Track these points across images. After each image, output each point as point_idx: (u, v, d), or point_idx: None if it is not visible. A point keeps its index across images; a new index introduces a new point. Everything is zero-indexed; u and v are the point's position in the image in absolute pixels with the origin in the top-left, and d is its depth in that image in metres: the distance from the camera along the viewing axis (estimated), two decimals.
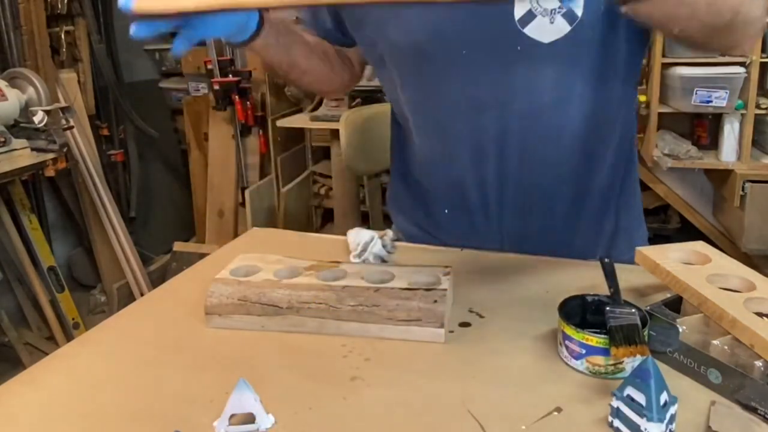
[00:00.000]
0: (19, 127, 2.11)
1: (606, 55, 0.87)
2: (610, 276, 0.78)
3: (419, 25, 0.88)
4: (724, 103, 2.25)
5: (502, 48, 0.85)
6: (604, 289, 0.77)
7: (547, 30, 0.82)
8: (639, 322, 0.68)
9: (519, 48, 0.84)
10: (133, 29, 0.63)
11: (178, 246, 3.03)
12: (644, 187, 2.48)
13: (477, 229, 1.01)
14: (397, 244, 1.13)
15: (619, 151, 0.98)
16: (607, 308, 0.70)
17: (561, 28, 0.82)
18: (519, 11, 0.82)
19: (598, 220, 1.01)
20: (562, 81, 0.87)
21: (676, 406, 0.57)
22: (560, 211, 0.98)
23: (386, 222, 2.77)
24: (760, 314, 0.68)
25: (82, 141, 2.62)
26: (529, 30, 0.82)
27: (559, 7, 0.81)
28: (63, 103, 2.37)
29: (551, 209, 0.98)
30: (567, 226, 1.00)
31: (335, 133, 2.27)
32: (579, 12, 0.81)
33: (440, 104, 0.94)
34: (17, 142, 2.06)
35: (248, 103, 2.79)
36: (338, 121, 1.82)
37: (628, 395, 0.57)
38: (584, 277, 0.90)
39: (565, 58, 0.85)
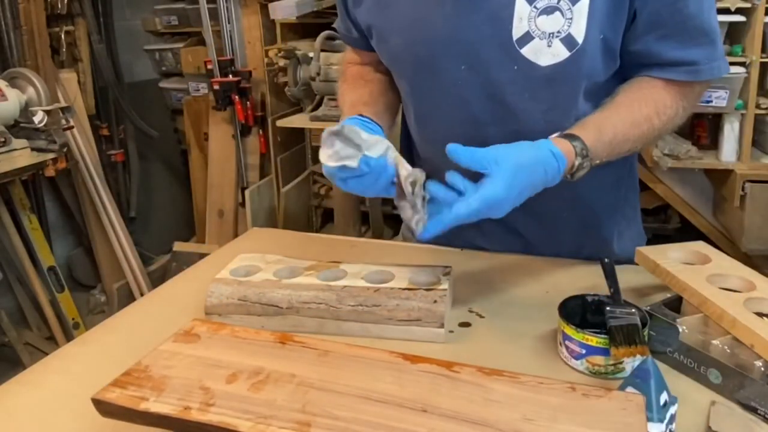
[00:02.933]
0: (19, 127, 2.11)
1: (604, 82, 0.87)
2: (610, 276, 0.78)
3: (420, 38, 0.88)
4: (724, 103, 2.25)
5: (500, 66, 0.85)
6: (604, 289, 0.77)
7: (544, 53, 0.82)
8: (639, 323, 0.68)
9: (516, 67, 0.84)
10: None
11: (178, 246, 3.02)
12: (644, 187, 2.48)
13: (482, 231, 1.01)
14: (398, 243, 1.13)
15: (617, 163, 0.97)
16: (607, 308, 0.70)
17: (559, 52, 0.82)
18: (517, 32, 0.82)
19: (597, 223, 1.01)
20: (558, 105, 0.87)
21: (676, 406, 0.57)
22: (559, 216, 0.98)
23: (386, 222, 2.78)
24: (760, 314, 0.68)
25: (82, 141, 2.62)
26: (526, 51, 0.82)
27: (558, 32, 0.81)
28: (63, 103, 2.37)
29: (550, 215, 0.98)
30: (567, 230, 1.00)
31: None
32: (579, 39, 0.81)
33: (440, 117, 0.94)
34: (17, 142, 2.06)
35: (248, 103, 2.78)
36: (338, 121, 1.82)
37: None
38: (584, 277, 0.90)
39: (562, 83, 0.85)
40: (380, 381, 0.59)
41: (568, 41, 0.81)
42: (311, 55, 2.44)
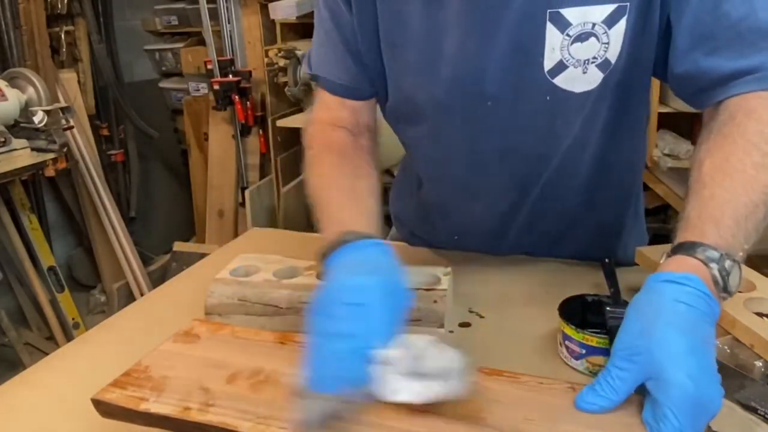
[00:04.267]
0: (19, 127, 2.11)
1: (632, 96, 0.81)
2: (610, 276, 0.78)
3: (438, 78, 0.80)
4: None
5: (530, 99, 0.78)
6: (604, 289, 0.77)
7: (580, 80, 0.75)
8: None
9: (548, 98, 0.77)
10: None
11: (178, 246, 3.02)
12: (644, 187, 2.47)
13: (486, 245, 1.01)
14: (398, 243, 1.13)
15: (630, 171, 0.97)
16: (607, 308, 0.70)
17: (594, 78, 0.75)
18: (549, 62, 0.75)
19: (604, 228, 1.01)
20: (589, 125, 0.82)
21: None
22: (569, 226, 0.98)
23: (386, 222, 2.78)
24: (760, 314, 0.68)
25: (82, 141, 2.62)
26: (560, 81, 0.76)
27: (594, 57, 0.74)
28: (63, 103, 2.36)
29: (560, 226, 0.97)
30: (574, 236, 1.00)
31: None
32: (613, 60, 0.74)
33: (460, 156, 0.87)
34: (17, 142, 2.06)
35: (248, 103, 2.78)
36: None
37: None
38: (584, 277, 0.90)
39: (595, 103, 0.79)
40: None
41: (604, 65, 0.75)
42: None
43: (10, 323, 2.40)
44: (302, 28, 2.85)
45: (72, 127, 2.43)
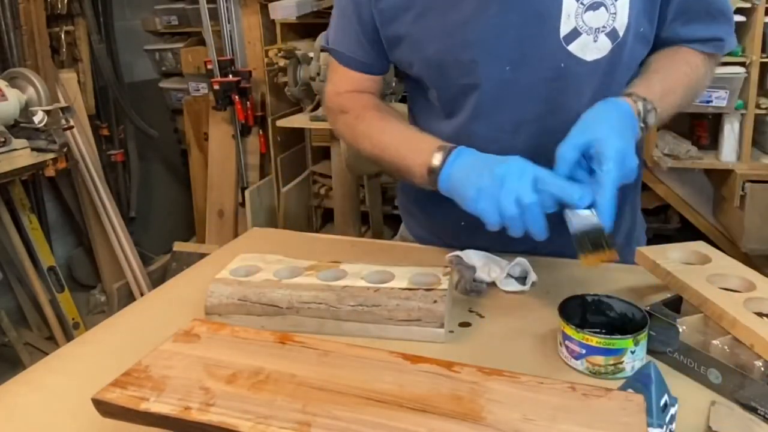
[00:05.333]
0: (19, 127, 2.11)
1: (633, 71, 0.90)
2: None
3: (462, 42, 0.86)
4: (724, 103, 2.25)
5: (546, 65, 0.85)
6: (604, 289, 0.77)
7: (591, 48, 0.83)
8: (602, 225, 0.71)
9: (562, 65, 0.84)
10: None
11: (178, 246, 3.03)
12: (644, 187, 2.47)
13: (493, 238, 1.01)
14: (398, 244, 1.13)
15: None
16: (566, 210, 0.74)
17: (604, 46, 0.83)
18: (564, 28, 0.82)
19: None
20: (599, 95, 0.86)
21: (676, 407, 0.57)
22: None
23: (386, 222, 2.78)
24: (760, 314, 0.68)
25: (82, 141, 2.62)
26: (573, 47, 0.83)
27: (603, 26, 0.82)
28: (63, 103, 2.37)
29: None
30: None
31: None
32: (621, 32, 0.83)
33: (481, 120, 0.91)
34: (17, 142, 2.06)
35: (248, 103, 2.78)
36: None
37: None
38: (584, 277, 0.90)
39: (604, 74, 0.86)
40: (380, 381, 0.59)
41: (613, 35, 0.83)
42: (311, 55, 2.44)
43: (10, 323, 2.40)
44: (302, 28, 2.85)
45: (72, 127, 2.43)
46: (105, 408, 0.58)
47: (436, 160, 0.81)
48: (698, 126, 2.54)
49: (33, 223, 2.43)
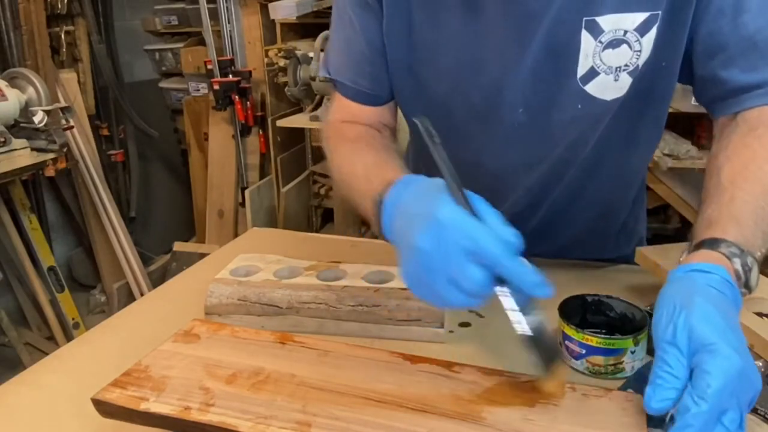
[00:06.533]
0: (19, 127, 2.11)
1: (655, 102, 0.83)
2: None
3: (473, 83, 0.79)
4: None
5: (562, 106, 0.78)
6: (604, 289, 0.77)
7: (611, 87, 0.75)
8: (544, 324, 0.56)
9: (579, 106, 0.77)
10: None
11: (178, 246, 3.03)
12: (643, 195, 2.48)
13: None
14: None
15: (641, 173, 0.98)
16: (505, 295, 0.56)
17: (625, 84, 0.75)
18: (582, 68, 0.74)
19: (610, 228, 1.01)
20: (616, 132, 0.81)
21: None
22: (579, 229, 0.98)
23: None
24: (760, 314, 0.68)
25: (82, 141, 2.62)
26: (591, 88, 0.75)
27: (626, 65, 0.74)
28: (63, 103, 2.37)
29: (572, 230, 0.97)
30: (579, 237, 1.00)
31: None
32: (642, 67, 0.75)
33: (487, 161, 0.86)
34: (17, 142, 2.06)
35: (248, 103, 2.79)
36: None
37: None
38: (584, 277, 0.90)
39: (624, 111, 0.79)
40: (380, 381, 0.59)
41: (634, 72, 0.75)
42: (311, 55, 2.45)
43: (10, 323, 2.40)
44: (302, 28, 2.86)
45: (72, 127, 2.43)
46: (105, 408, 0.58)
47: (376, 203, 0.66)
48: (698, 126, 2.54)
49: (33, 223, 2.44)
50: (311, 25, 2.78)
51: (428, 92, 0.83)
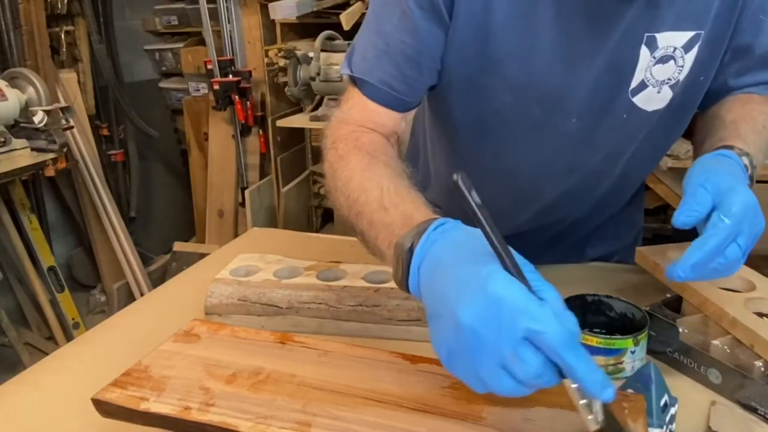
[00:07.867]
0: (19, 127, 2.11)
1: (686, 115, 0.86)
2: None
3: (536, 96, 0.79)
4: None
5: (611, 116, 0.80)
6: (604, 289, 0.77)
7: (654, 99, 0.80)
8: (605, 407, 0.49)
9: (625, 116, 0.80)
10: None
11: (178, 246, 3.03)
12: (644, 187, 2.48)
13: None
14: None
15: (647, 174, 1.01)
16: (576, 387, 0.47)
17: (666, 97, 0.80)
18: (633, 83, 0.78)
19: (609, 228, 1.01)
20: (650, 142, 0.85)
21: (676, 407, 0.57)
22: (580, 228, 0.99)
23: None
24: (760, 314, 0.68)
25: (82, 141, 2.62)
26: (638, 99, 0.79)
27: (669, 78, 0.78)
28: (63, 103, 2.37)
29: (572, 229, 0.98)
30: (582, 237, 1.01)
31: None
32: (682, 81, 0.79)
33: (523, 171, 0.87)
34: (17, 142, 2.06)
35: (248, 103, 2.79)
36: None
37: None
38: (584, 277, 0.90)
39: (658, 123, 0.83)
40: (380, 381, 0.59)
41: (675, 87, 0.79)
42: (311, 55, 2.44)
43: (10, 323, 2.40)
44: (302, 28, 2.85)
45: (72, 127, 2.44)
46: (105, 408, 0.58)
47: (402, 248, 0.56)
48: (699, 126, 2.54)
49: (33, 223, 2.44)
50: (311, 25, 2.77)
51: (489, 104, 0.81)
